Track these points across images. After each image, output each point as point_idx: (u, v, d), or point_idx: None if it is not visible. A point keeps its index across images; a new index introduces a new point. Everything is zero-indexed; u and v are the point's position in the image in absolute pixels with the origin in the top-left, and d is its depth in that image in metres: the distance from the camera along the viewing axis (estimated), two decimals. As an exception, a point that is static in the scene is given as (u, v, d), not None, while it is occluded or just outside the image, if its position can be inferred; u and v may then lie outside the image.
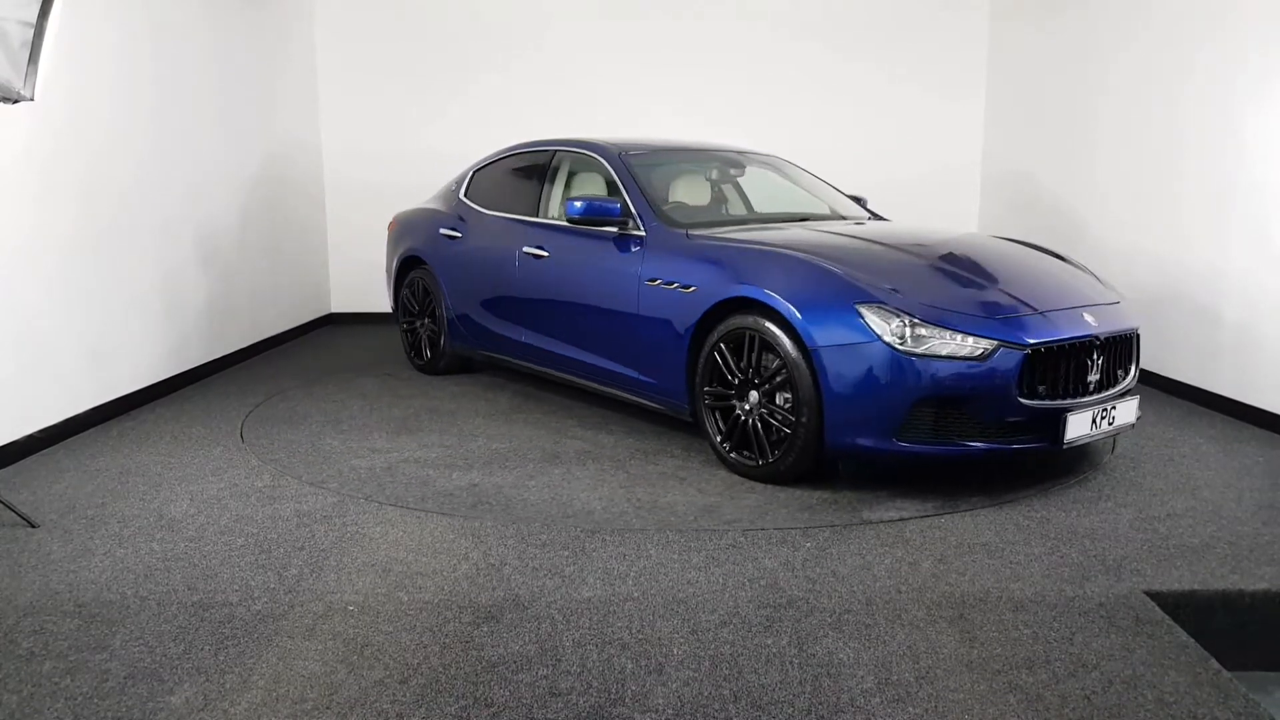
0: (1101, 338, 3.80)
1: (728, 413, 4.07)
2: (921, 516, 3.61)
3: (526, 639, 2.65)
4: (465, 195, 5.98)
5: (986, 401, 3.59)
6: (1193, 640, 2.64)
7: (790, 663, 2.52)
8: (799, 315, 3.74)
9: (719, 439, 4.13)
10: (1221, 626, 2.93)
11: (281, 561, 3.18)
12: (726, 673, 2.47)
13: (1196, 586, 2.98)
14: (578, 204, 4.63)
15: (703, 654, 2.57)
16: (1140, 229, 5.93)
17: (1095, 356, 3.79)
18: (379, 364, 6.62)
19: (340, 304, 8.54)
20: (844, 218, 5.17)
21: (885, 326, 3.60)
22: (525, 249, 5.21)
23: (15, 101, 3.40)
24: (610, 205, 4.61)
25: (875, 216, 5.40)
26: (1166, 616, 2.79)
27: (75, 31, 4.66)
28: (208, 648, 2.60)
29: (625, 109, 8.16)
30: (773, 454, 3.90)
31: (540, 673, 2.48)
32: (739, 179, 5.60)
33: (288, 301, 7.54)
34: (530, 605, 2.86)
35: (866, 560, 3.20)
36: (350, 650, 2.59)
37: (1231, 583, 3.01)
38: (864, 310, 3.65)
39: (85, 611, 2.82)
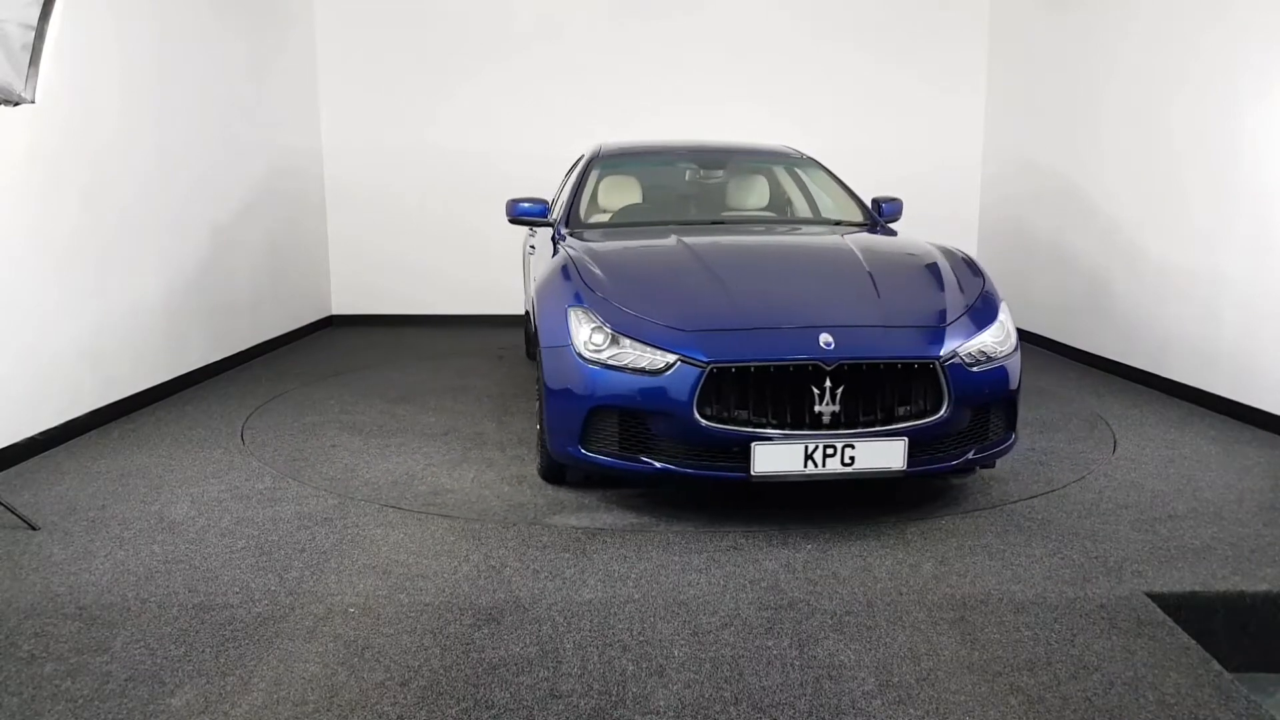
0: (829, 364, 3.29)
1: None
2: (923, 518, 3.61)
3: (527, 641, 2.65)
4: None
5: (666, 419, 3.36)
6: (1194, 642, 2.64)
7: (791, 664, 2.52)
8: (537, 314, 3.82)
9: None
10: (1223, 628, 2.93)
11: (282, 564, 3.18)
12: (727, 674, 2.47)
13: (1198, 588, 2.98)
14: (522, 204, 4.90)
15: (704, 656, 2.57)
16: (1140, 229, 5.93)
17: (826, 384, 3.29)
18: (379, 365, 6.62)
19: (341, 306, 8.54)
20: (815, 222, 5.05)
21: (580, 332, 3.53)
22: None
23: (16, 104, 3.41)
24: (539, 206, 4.89)
25: (870, 226, 4.86)
26: (1168, 618, 2.79)
27: (77, 33, 4.66)
28: (208, 650, 2.60)
29: (630, 107, 8.16)
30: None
31: (541, 674, 2.47)
32: (724, 179, 5.43)
33: (288, 303, 7.54)
34: (531, 607, 2.86)
35: (867, 562, 3.19)
36: (351, 652, 2.59)
37: (1233, 584, 3.01)
38: (571, 314, 3.60)
39: (86, 614, 2.82)
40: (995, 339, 3.62)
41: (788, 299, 3.65)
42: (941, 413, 3.39)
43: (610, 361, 3.43)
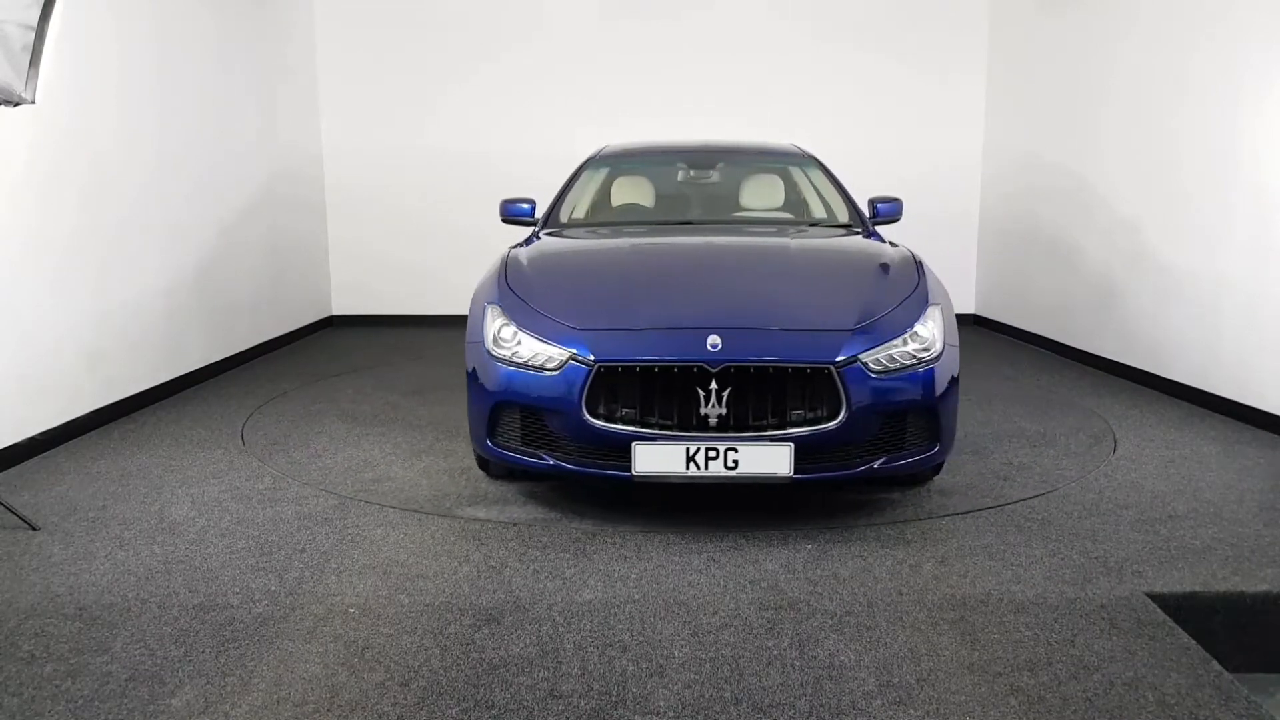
0: (714, 367, 3.27)
1: None
2: (922, 519, 3.61)
3: (527, 641, 2.65)
4: None
5: (560, 416, 3.40)
6: (1194, 642, 2.64)
7: (791, 665, 2.52)
8: (471, 309, 3.89)
9: None
10: (1223, 628, 2.93)
11: (282, 564, 3.18)
12: (728, 675, 2.47)
13: (1198, 588, 2.98)
14: (512, 205, 4.97)
15: (704, 656, 2.57)
16: (1141, 228, 5.93)
17: (712, 386, 3.26)
18: (379, 365, 6.62)
19: (340, 306, 8.54)
20: (795, 224, 4.90)
21: (490, 329, 3.62)
22: None
23: (16, 104, 3.41)
24: (528, 207, 4.93)
25: (856, 228, 4.71)
26: (1168, 618, 2.79)
27: (78, 34, 4.67)
28: (209, 650, 2.60)
29: (631, 108, 8.16)
30: None
31: (541, 675, 2.47)
32: (715, 180, 5.40)
33: (288, 304, 7.54)
34: (531, 607, 2.86)
35: (867, 562, 3.19)
36: (351, 652, 2.59)
37: (1233, 584, 3.01)
38: (487, 310, 3.70)
39: (86, 614, 2.82)
40: (915, 345, 3.47)
41: (693, 301, 3.64)
42: (838, 419, 3.30)
43: (513, 358, 3.50)
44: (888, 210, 4.92)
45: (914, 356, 3.46)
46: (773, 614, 2.81)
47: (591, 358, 3.33)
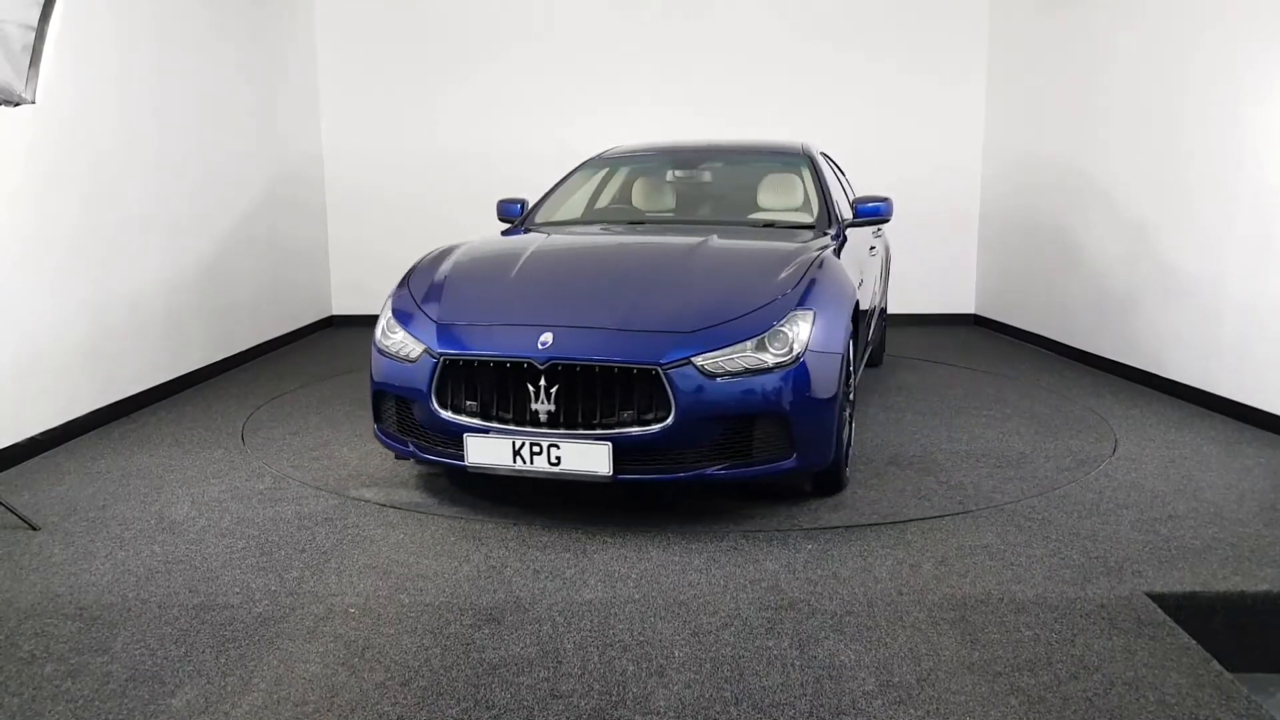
0: (541, 363, 3.33)
1: None
2: (922, 518, 3.61)
3: (527, 641, 2.65)
4: None
5: (418, 405, 3.56)
6: (1194, 642, 2.64)
7: (791, 665, 2.52)
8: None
9: None
10: (1223, 628, 2.93)
11: (283, 564, 3.18)
12: (728, 675, 2.47)
13: (1198, 588, 2.98)
14: (506, 204, 5.19)
15: (704, 656, 2.57)
16: (1141, 228, 5.93)
17: (541, 383, 3.33)
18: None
19: (341, 306, 8.54)
20: (748, 225, 4.77)
21: (380, 320, 3.86)
22: None
23: (16, 104, 3.41)
24: (516, 206, 5.17)
25: (823, 231, 4.52)
26: (1168, 618, 2.79)
27: (78, 34, 4.67)
28: (209, 650, 2.60)
29: (633, 109, 8.15)
30: None
31: (541, 675, 2.47)
32: (694, 181, 5.36)
33: (289, 304, 7.54)
34: (531, 607, 2.86)
35: (867, 562, 3.19)
36: (351, 652, 2.59)
37: (1233, 584, 3.01)
38: (385, 304, 3.94)
39: (86, 614, 2.82)
40: (772, 350, 3.37)
41: (549, 300, 3.71)
42: (665, 422, 3.28)
43: (388, 349, 3.71)
44: (870, 211, 4.71)
45: (762, 361, 3.35)
46: (773, 614, 2.81)
47: (439, 350, 3.51)
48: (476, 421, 3.43)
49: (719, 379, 3.31)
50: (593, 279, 3.93)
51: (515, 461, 3.36)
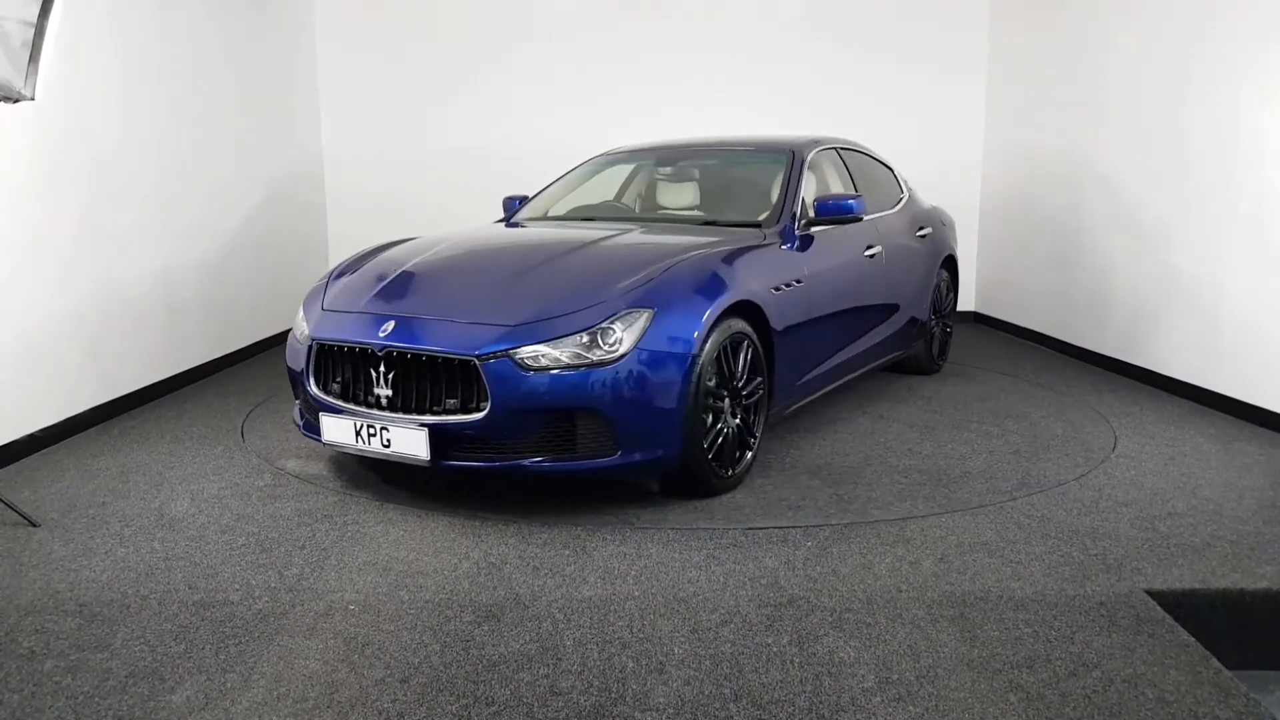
0: (379, 351, 3.52)
1: None
2: (922, 515, 3.61)
3: (527, 638, 2.65)
4: None
5: (300, 385, 3.90)
6: (1194, 639, 2.64)
7: (791, 661, 2.52)
8: None
9: None
10: (1223, 625, 2.93)
11: (282, 560, 3.19)
12: (727, 671, 2.48)
13: (1197, 585, 2.98)
14: (510, 201, 5.48)
15: (703, 653, 2.57)
16: (1141, 226, 5.93)
17: (381, 369, 3.52)
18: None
19: (341, 303, 8.53)
20: (700, 223, 4.68)
21: (300, 308, 4.12)
22: None
23: (16, 101, 3.41)
24: (517, 203, 5.40)
25: (769, 228, 4.43)
26: (1167, 615, 2.79)
27: (78, 32, 4.66)
28: (209, 646, 2.60)
29: (635, 109, 8.13)
30: None
31: (541, 671, 2.48)
32: (676, 179, 5.30)
33: (289, 301, 7.52)
34: (531, 604, 2.86)
35: (867, 559, 3.20)
36: (351, 649, 2.59)
37: (1233, 581, 3.01)
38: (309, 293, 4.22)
39: (86, 610, 2.82)
40: (600, 346, 3.37)
41: (408, 291, 3.89)
42: (482, 412, 3.38)
43: (296, 335, 3.99)
44: (832, 209, 4.48)
45: (585, 357, 3.36)
46: (772, 611, 2.81)
47: (311, 336, 3.80)
48: (336, 402, 3.70)
49: (537, 373, 3.36)
50: (461, 273, 4.09)
51: (356, 441, 3.61)
